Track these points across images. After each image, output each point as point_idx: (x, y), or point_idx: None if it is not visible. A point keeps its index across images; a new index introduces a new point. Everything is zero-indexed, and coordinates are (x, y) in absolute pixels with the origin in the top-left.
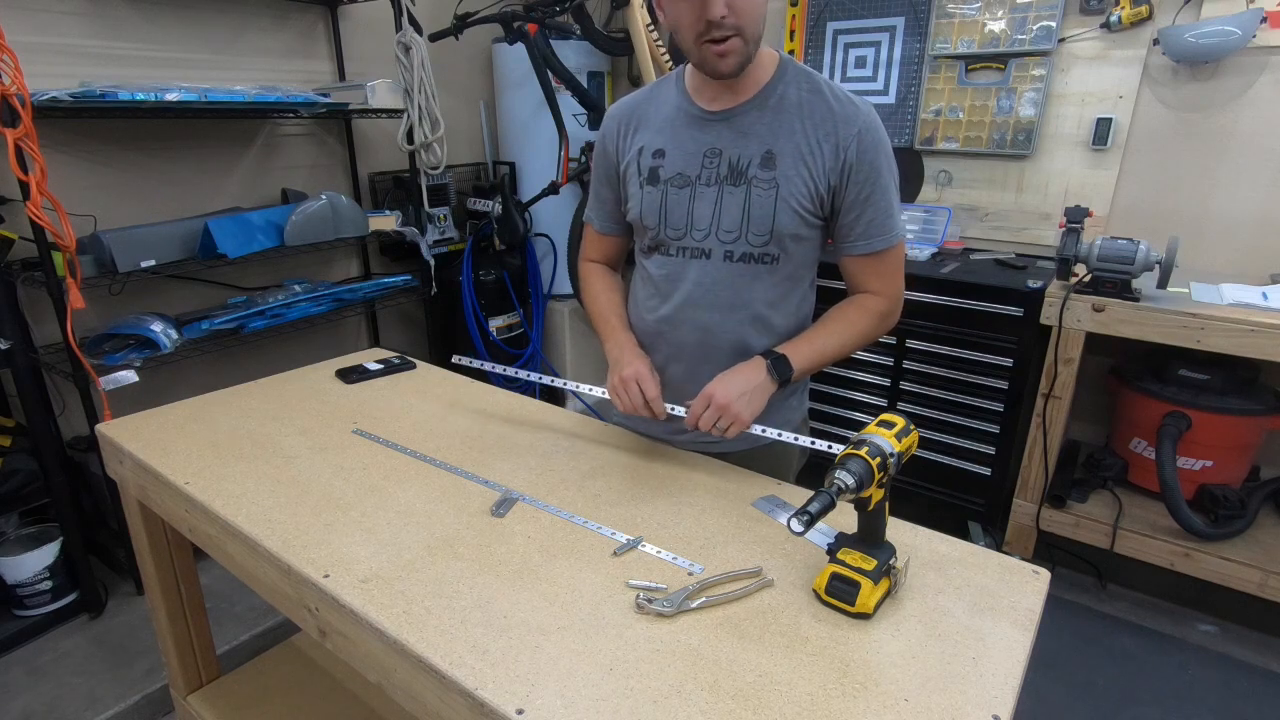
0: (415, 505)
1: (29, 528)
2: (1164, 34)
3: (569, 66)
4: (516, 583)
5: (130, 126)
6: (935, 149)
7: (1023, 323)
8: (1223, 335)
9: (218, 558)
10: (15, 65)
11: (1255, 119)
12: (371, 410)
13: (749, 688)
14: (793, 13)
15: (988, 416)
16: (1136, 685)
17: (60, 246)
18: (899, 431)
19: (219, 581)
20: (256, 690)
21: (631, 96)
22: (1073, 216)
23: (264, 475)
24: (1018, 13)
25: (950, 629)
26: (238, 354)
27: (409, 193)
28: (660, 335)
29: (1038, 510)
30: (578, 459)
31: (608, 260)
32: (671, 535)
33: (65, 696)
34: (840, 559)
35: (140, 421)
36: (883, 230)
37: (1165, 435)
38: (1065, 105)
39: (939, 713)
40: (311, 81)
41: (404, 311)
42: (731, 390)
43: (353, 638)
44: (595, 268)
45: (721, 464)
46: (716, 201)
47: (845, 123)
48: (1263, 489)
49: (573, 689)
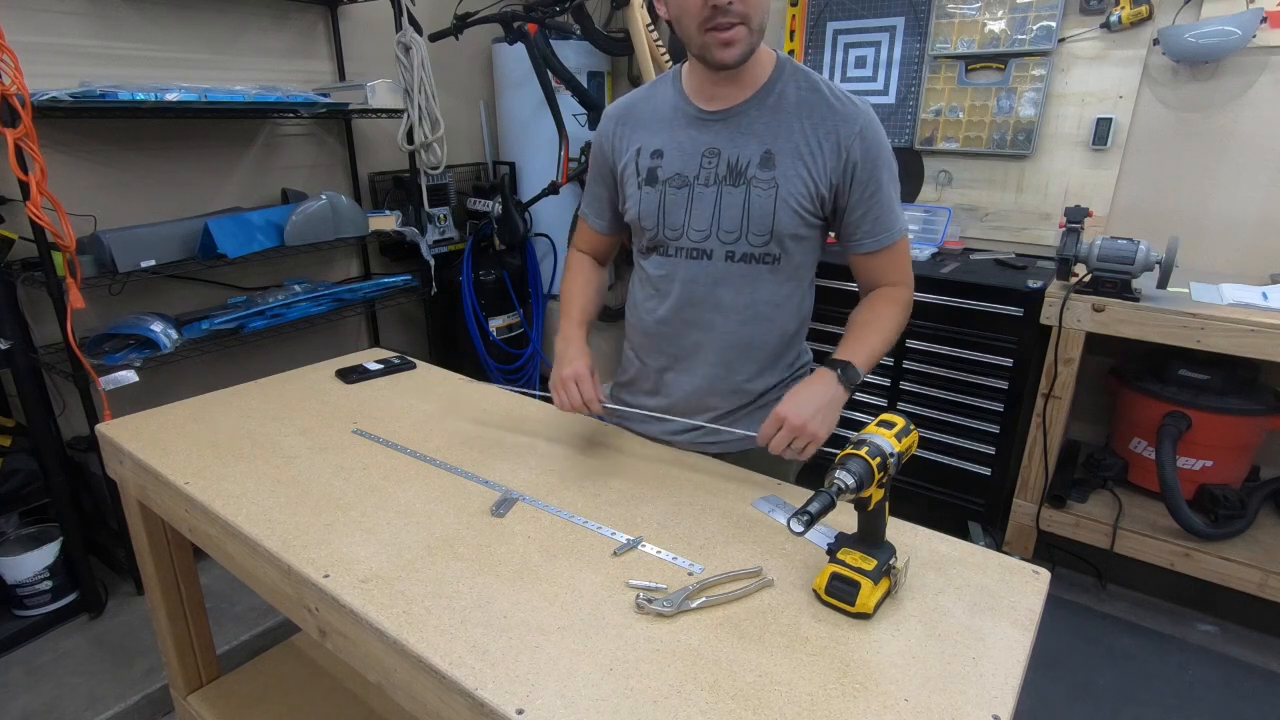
0: (415, 505)
1: (29, 528)
2: (1164, 34)
3: (569, 66)
4: (516, 583)
5: (130, 126)
6: (935, 149)
7: (1023, 323)
8: (1223, 335)
9: (218, 558)
10: (15, 65)
11: (1255, 119)
12: (371, 410)
13: (749, 688)
14: (793, 13)
15: (988, 416)
16: (1136, 685)
17: (60, 246)
18: (899, 431)
19: (219, 581)
20: (256, 690)
21: (628, 96)
22: (1073, 216)
23: (264, 475)
24: (1018, 13)
25: (950, 629)
26: (238, 354)
27: (409, 193)
28: (663, 337)
29: (1038, 510)
30: (578, 459)
31: (596, 253)
32: (671, 535)
33: (65, 696)
34: (840, 559)
35: (140, 421)
36: (890, 226)
37: (1165, 435)
38: (1065, 105)
39: (939, 713)
40: (311, 81)
41: (404, 311)
42: (804, 409)
43: (353, 638)
44: (580, 257)
45: (721, 464)
46: (716, 202)
47: (846, 121)
48: (1263, 489)
49: (573, 689)
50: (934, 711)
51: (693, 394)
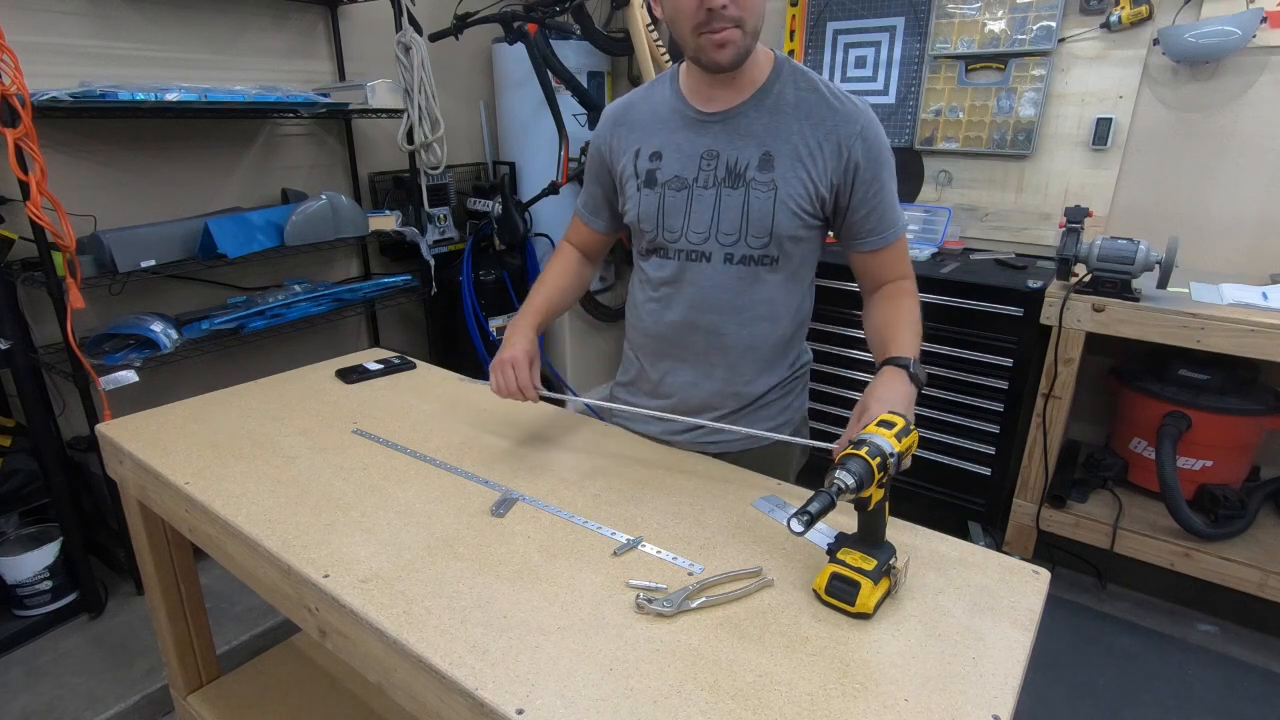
0: (415, 505)
1: (29, 528)
2: (1164, 34)
3: (569, 66)
4: (516, 583)
5: (130, 126)
6: (935, 149)
7: (1023, 323)
8: (1223, 335)
9: (218, 558)
10: (15, 65)
11: (1255, 119)
12: (371, 410)
13: (749, 688)
14: (793, 13)
15: (988, 416)
16: (1136, 685)
17: (60, 246)
18: (899, 431)
19: (219, 581)
20: (256, 690)
21: (626, 97)
22: (1073, 216)
23: (264, 475)
24: (1018, 13)
25: (950, 629)
26: (238, 354)
27: (409, 193)
28: (663, 338)
29: (1038, 510)
30: (578, 459)
31: (586, 250)
32: (671, 535)
33: (65, 696)
34: (840, 559)
35: (140, 421)
36: (892, 224)
37: (1165, 435)
38: (1065, 105)
39: (939, 713)
40: (311, 81)
41: (404, 311)
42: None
43: (353, 638)
44: (567, 251)
45: (721, 464)
46: (715, 204)
47: (846, 122)
48: (1263, 489)
49: (573, 689)
50: (934, 711)
51: (693, 395)
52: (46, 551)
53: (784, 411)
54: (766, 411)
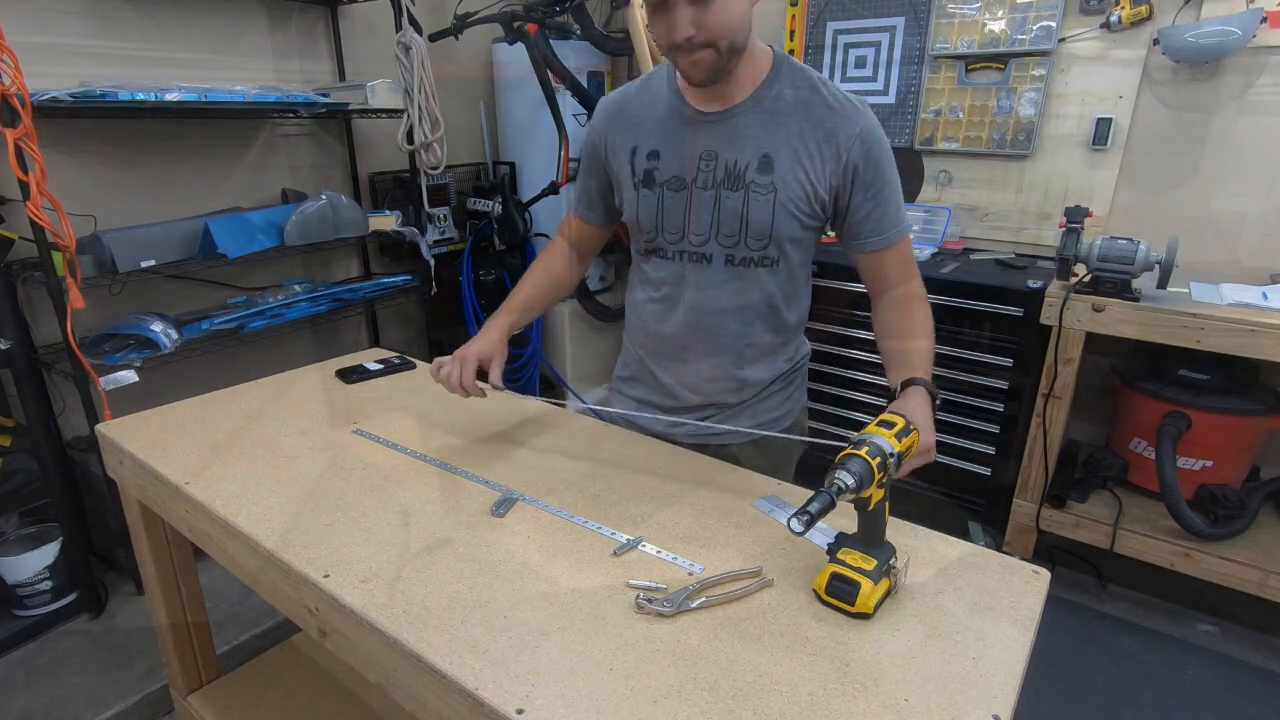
0: (415, 505)
1: (29, 528)
2: (1164, 34)
3: (569, 66)
4: (516, 583)
5: (130, 126)
6: (935, 149)
7: (1023, 323)
8: (1223, 335)
9: (218, 558)
10: (15, 65)
11: (1255, 119)
12: (371, 410)
13: (749, 688)
14: (793, 13)
15: (988, 416)
16: (1136, 685)
17: (60, 246)
18: (899, 431)
19: (219, 581)
20: (256, 690)
21: (621, 91)
22: (1073, 216)
23: (264, 475)
24: (1018, 13)
25: (950, 629)
26: (238, 354)
27: (409, 193)
28: (663, 336)
29: (1038, 510)
30: (578, 459)
31: (579, 244)
32: (671, 535)
33: (65, 696)
34: (840, 559)
35: (140, 421)
36: (896, 223)
37: (1165, 435)
38: (1065, 105)
39: (939, 713)
40: (311, 81)
41: (404, 311)
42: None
43: (353, 638)
44: (558, 246)
45: (721, 464)
46: (714, 206)
47: (846, 123)
48: (1263, 489)
49: (573, 689)
50: (934, 711)
51: (694, 390)
52: (46, 551)
53: (785, 403)
54: (768, 403)
